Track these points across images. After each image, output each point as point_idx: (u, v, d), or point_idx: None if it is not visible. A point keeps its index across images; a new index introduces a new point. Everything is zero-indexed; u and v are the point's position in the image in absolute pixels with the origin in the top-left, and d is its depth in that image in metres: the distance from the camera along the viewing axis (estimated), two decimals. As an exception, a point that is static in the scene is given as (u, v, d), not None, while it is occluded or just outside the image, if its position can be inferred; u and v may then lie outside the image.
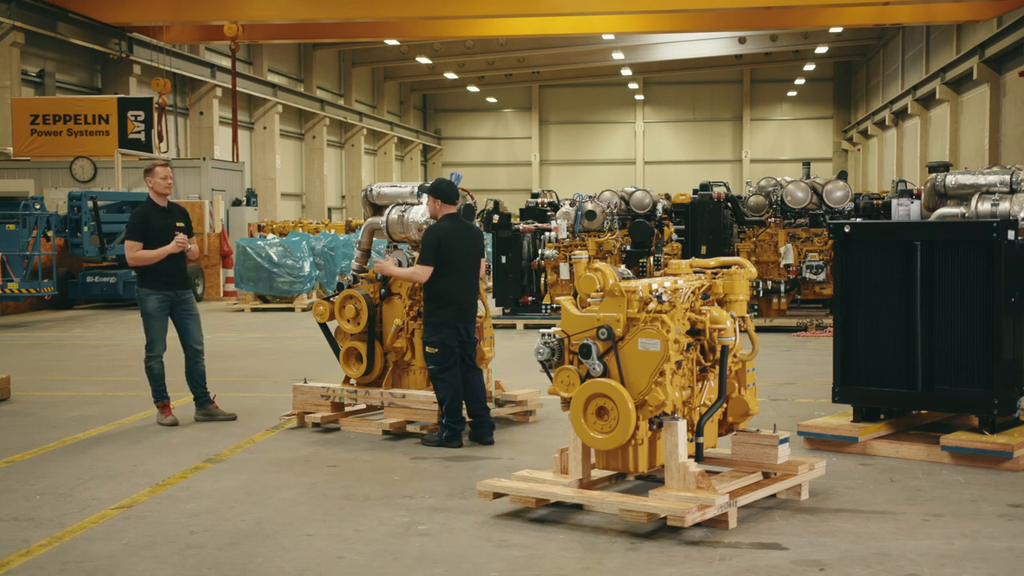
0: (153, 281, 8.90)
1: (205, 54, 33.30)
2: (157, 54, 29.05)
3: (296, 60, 42.56)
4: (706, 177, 19.65)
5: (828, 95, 54.97)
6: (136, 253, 8.82)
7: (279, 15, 29.12)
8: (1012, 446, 7.00)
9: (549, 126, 56.72)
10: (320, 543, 5.72)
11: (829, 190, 16.25)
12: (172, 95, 30.52)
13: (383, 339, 8.85)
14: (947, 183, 8.40)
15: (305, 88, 42.33)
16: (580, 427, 6.08)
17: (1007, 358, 7.30)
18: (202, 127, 32.72)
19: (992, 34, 29.59)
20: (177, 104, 32.12)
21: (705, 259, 6.74)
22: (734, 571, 5.15)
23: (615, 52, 44.54)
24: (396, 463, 7.54)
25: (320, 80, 44.02)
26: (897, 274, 7.62)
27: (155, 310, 8.94)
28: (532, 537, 5.73)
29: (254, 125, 37.33)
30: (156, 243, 8.82)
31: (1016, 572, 5.07)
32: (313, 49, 42.67)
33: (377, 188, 9.27)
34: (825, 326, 14.75)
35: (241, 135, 33.13)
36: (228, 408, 9.34)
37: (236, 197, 27.05)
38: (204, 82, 32.50)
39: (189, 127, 32.98)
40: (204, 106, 32.69)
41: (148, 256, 8.80)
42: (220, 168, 27.52)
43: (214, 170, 26.79)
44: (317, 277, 20.58)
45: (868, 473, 7.02)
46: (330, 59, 45.58)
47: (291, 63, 42.08)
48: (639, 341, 5.95)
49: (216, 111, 32.87)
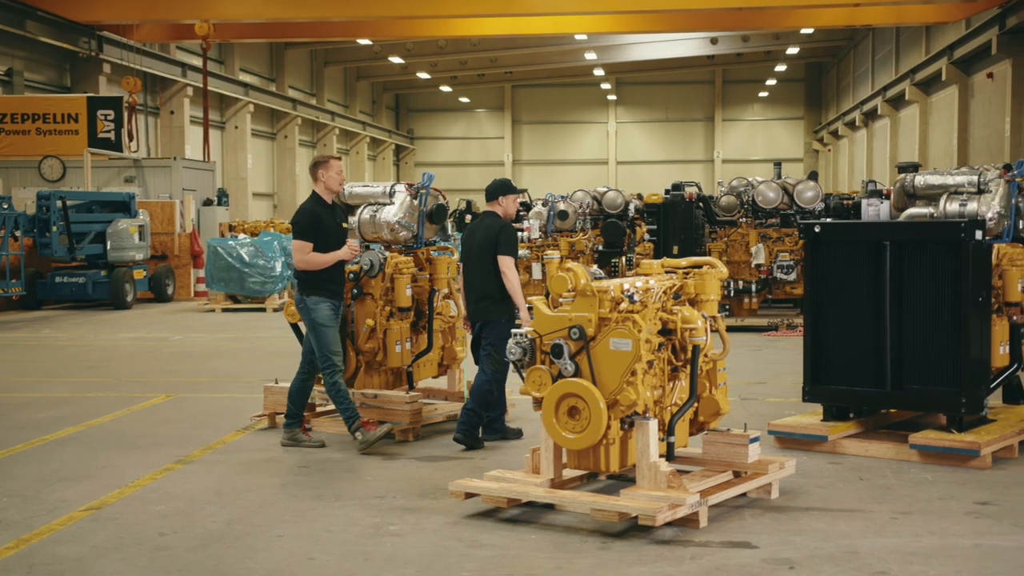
0: (322, 288, 7.91)
1: (176, 53, 33.07)
2: (127, 53, 28.82)
3: (268, 59, 42.36)
4: (678, 177, 19.71)
5: (799, 96, 55.24)
6: (307, 256, 7.83)
7: (250, 14, 28.95)
8: (979, 444, 7.06)
9: (522, 126, 56.71)
10: (290, 544, 5.70)
11: (800, 190, 16.35)
12: (142, 94, 30.29)
13: (355, 339, 8.83)
14: (916, 183, 8.45)
15: (277, 87, 42.13)
16: (552, 427, 6.08)
17: (974, 357, 7.36)
18: (173, 126, 32.49)
19: (960, 36, 29.83)
20: (147, 103, 31.89)
21: (677, 259, 6.76)
22: (704, 570, 5.17)
23: (588, 52, 44.59)
24: (367, 463, 7.52)
25: (292, 79, 43.82)
26: (867, 274, 7.68)
27: (329, 319, 7.93)
28: (504, 537, 5.74)
29: (225, 124, 37.12)
30: (327, 244, 7.89)
31: (983, 569, 5.12)
32: (285, 48, 42.47)
33: (349, 188, 9.24)
34: (796, 325, 14.83)
35: (212, 134, 32.94)
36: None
37: (207, 197, 26.88)
38: (175, 81, 32.28)
39: (160, 126, 32.74)
40: (175, 105, 32.46)
41: (321, 260, 7.86)
42: (191, 168, 27.35)
43: (185, 170, 26.62)
44: (288, 277, 20.47)
45: (837, 472, 7.06)
46: (302, 58, 45.38)
47: (263, 62, 41.88)
48: (611, 341, 5.96)
49: (187, 110, 32.65)
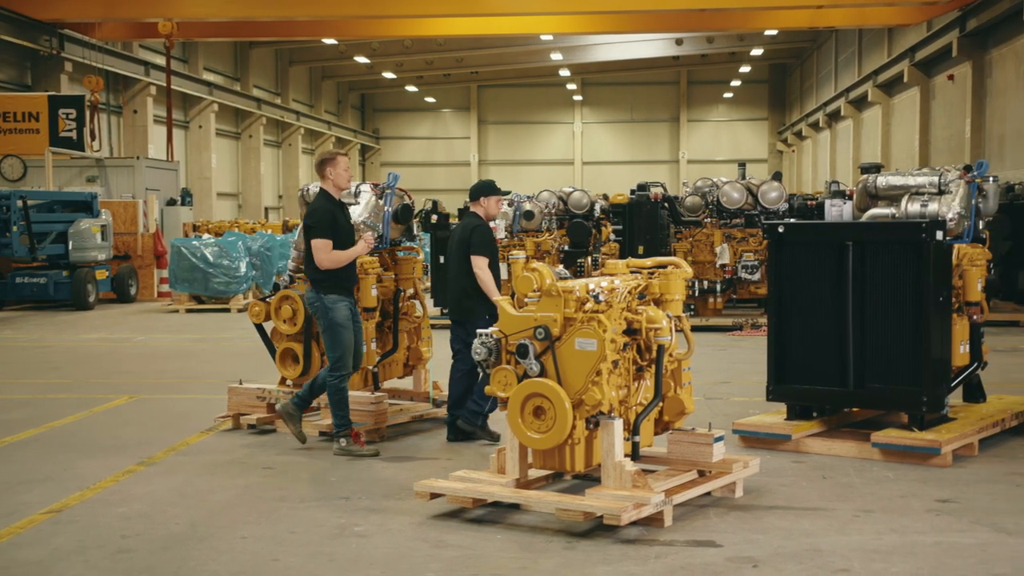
0: (339, 287, 7.76)
1: (139, 52, 32.79)
2: (89, 51, 28.56)
3: (232, 58, 42.11)
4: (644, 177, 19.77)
5: (763, 97, 55.58)
6: (331, 254, 7.66)
7: (214, 13, 28.76)
8: (940, 442, 7.13)
9: (488, 126, 56.71)
10: (255, 545, 5.67)
11: (764, 191, 16.44)
12: (105, 93, 30.01)
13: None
14: (878, 184, 8.52)
15: (241, 87, 41.89)
16: (517, 427, 6.08)
17: (935, 356, 7.44)
18: (136, 126, 32.22)
19: (922, 38, 30.13)
20: (110, 102, 31.61)
21: (642, 259, 6.79)
22: (669, 569, 5.19)
23: (553, 53, 44.64)
24: (332, 464, 7.49)
25: (257, 79, 43.59)
26: (830, 274, 7.74)
27: (346, 319, 7.73)
28: (469, 537, 5.73)
29: (189, 124, 36.88)
30: (340, 241, 7.74)
31: (943, 566, 5.17)
32: (250, 47, 42.24)
33: (314, 188, 9.19)
34: (760, 325, 14.92)
35: (176, 134, 32.71)
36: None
37: (171, 196, 26.70)
38: (138, 80, 32.02)
39: (122, 125, 32.45)
40: (138, 104, 32.20)
41: (343, 257, 7.72)
42: (154, 167, 27.14)
43: (148, 169, 26.41)
44: (253, 277, 20.38)
45: (801, 470, 7.11)
46: (267, 58, 45.15)
47: (227, 61, 41.62)
48: (576, 341, 5.97)
49: (150, 109, 32.39)
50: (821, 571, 5.12)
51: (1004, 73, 25.53)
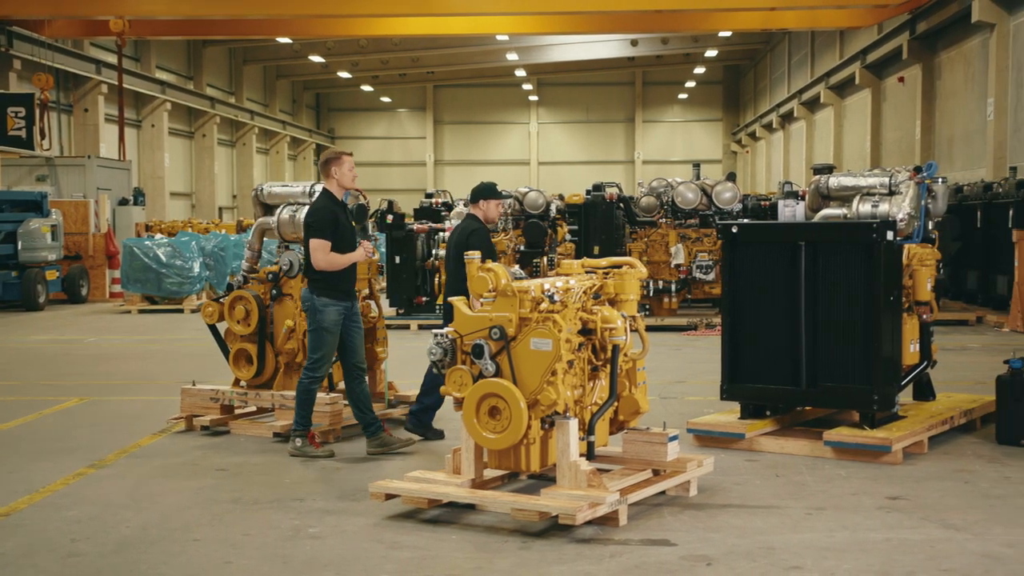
0: (333, 289, 7.65)
1: (90, 49, 32.39)
2: (39, 49, 28.15)
3: (185, 57, 41.72)
4: (599, 178, 19.84)
5: (718, 98, 55.96)
6: (328, 256, 7.56)
7: (166, 11, 28.47)
8: (891, 440, 7.22)
9: (444, 126, 56.64)
10: (207, 548, 5.62)
11: (718, 191, 16.56)
12: (55, 91, 29.62)
13: (274, 340, 8.74)
14: (830, 185, 8.61)
15: (195, 85, 41.53)
16: (472, 427, 6.08)
17: (886, 355, 7.52)
18: (87, 124, 31.82)
19: (873, 41, 30.48)
20: (60, 101, 31.18)
21: (597, 259, 6.81)
22: (624, 568, 5.21)
23: (509, 53, 44.67)
24: (287, 466, 7.45)
25: (210, 77, 43.22)
26: (783, 274, 7.80)
27: (333, 324, 7.66)
28: (424, 538, 5.72)
29: (142, 123, 36.49)
30: (341, 243, 7.65)
31: (893, 562, 5.23)
32: (203, 46, 41.87)
33: (268, 188, 9.16)
34: (714, 325, 15.01)
35: (128, 133, 32.33)
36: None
37: (123, 196, 26.41)
38: (89, 78, 31.62)
39: (73, 124, 32.04)
40: (89, 103, 31.80)
41: (341, 261, 7.62)
42: (106, 167, 26.83)
43: (100, 168, 26.12)
44: (207, 278, 20.22)
45: (754, 469, 7.16)
46: (220, 56, 44.79)
47: (180, 60, 41.24)
48: (531, 341, 5.98)
49: (102, 108, 32.01)
50: (774, 568, 5.16)
51: (953, 76, 25.89)
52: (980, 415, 8.34)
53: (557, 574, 5.16)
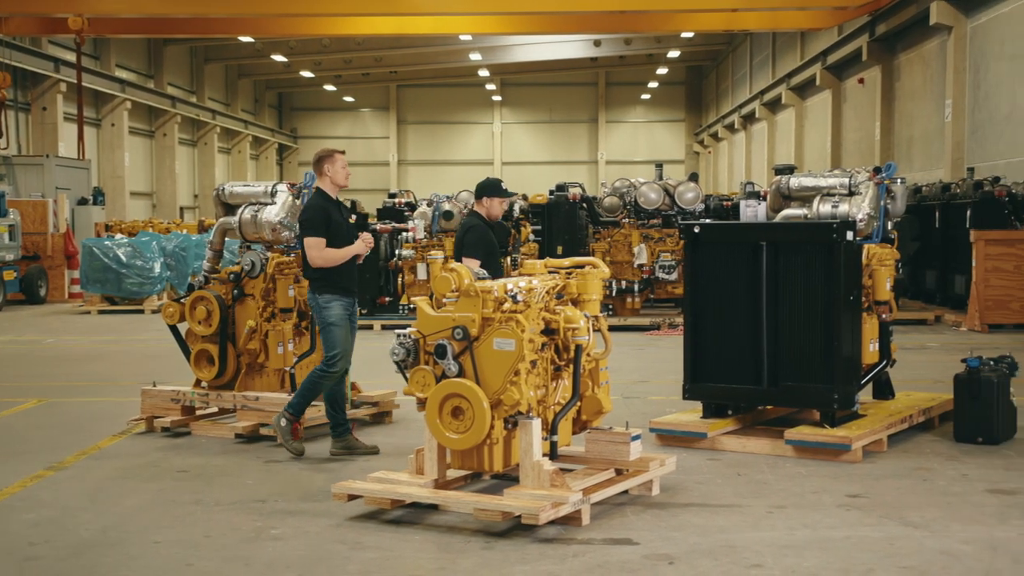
0: (334, 286, 7.66)
1: (48, 47, 32.03)
2: (-4, 46, 27.87)
3: (146, 55, 41.37)
4: (563, 178, 19.87)
5: (680, 98, 56.23)
6: (323, 252, 7.55)
7: (127, 9, 28.20)
8: (851, 439, 7.28)
9: (407, 126, 56.54)
10: (168, 550, 5.57)
11: (681, 191, 16.64)
12: (12, 89, 29.28)
13: (236, 341, 8.69)
14: (791, 185, 8.67)
15: (155, 84, 41.19)
16: (435, 427, 6.07)
17: (846, 354, 7.59)
18: (45, 123, 31.46)
19: (833, 42, 30.74)
20: (18, 99, 30.82)
21: (560, 259, 6.82)
22: (586, 567, 5.22)
23: (473, 53, 44.65)
24: (249, 467, 7.41)
25: (171, 76, 42.89)
26: (744, 274, 7.85)
27: (340, 318, 7.66)
28: (387, 538, 5.71)
29: (101, 122, 36.15)
30: (336, 240, 7.63)
31: (853, 559, 5.28)
32: (164, 44, 41.54)
33: (229, 187, 9.11)
34: (677, 324, 15.08)
35: (88, 132, 32.01)
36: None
37: (82, 196, 26.16)
38: (47, 76, 31.28)
39: (31, 123, 31.67)
40: (47, 101, 31.45)
41: (337, 256, 7.61)
42: (65, 166, 26.56)
43: (58, 168, 25.85)
44: (168, 278, 20.07)
45: (716, 468, 7.20)
46: (182, 55, 44.46)
47: (140, 58, 40.89)
48: (494, 341, 5.98)
49: (60, 107, 31.67)
50: (735, 567, 5.20)
51: (912, 77, 26.16)
52: (938, 413, 8.43)
53: (520, 574, 5.16)
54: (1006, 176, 18.49)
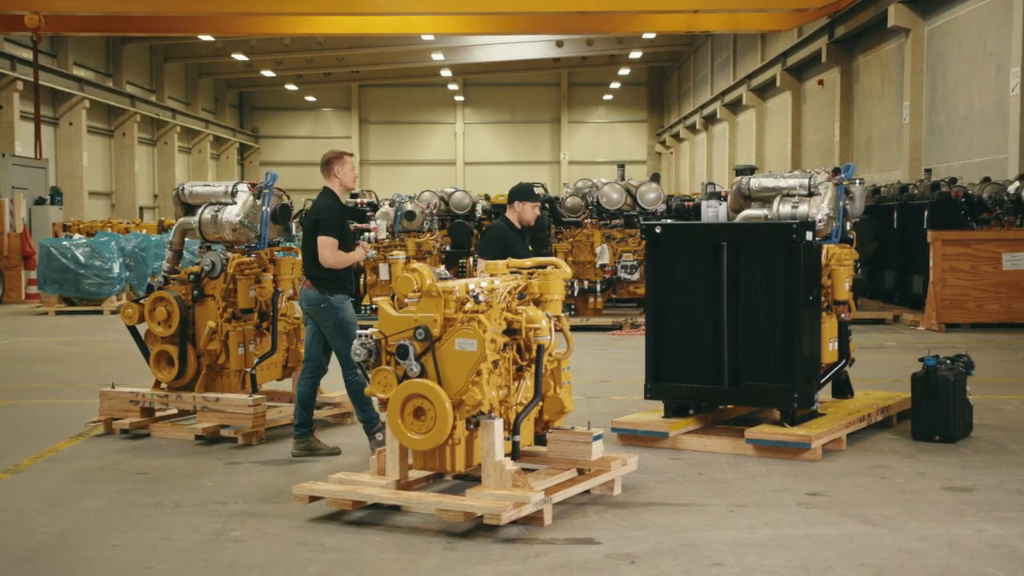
0: (341, 287, 7.68)
1: (4, 45, 31.67)
2: (-50, 44, 27.53)
3: (104, 54, 40.99)
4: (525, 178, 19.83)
5: (642, 99, 56.45)
6: (336, 254, 7.55)
7: (84, 6, 27.95)
8: (810, 437, 7.33)
9: (369, 126, 56.38)
10: (127, 553, 5.52)
11: (643, 192, 16.70)
12: (-32, 87, 28.96)
13: (196, 342, 8.63)
14: (751, 186, 8.71)
15: (114, 83, 40.81)
16: (397, 428, 6.06)
17: (806, 354, 7.65)
18: (1, 122, 31.08)
19: (793, 44, 31.00)
20: (-27, 97, 30.49)
21: (522, 259, 6.82)
22: (549, 567, 5.23)
23: (435, 53, 44.60)
24: (209, 468, 7.36)
25: (130, 75, 42.51)
26: (705, 274, 7.89)
27: (352, 315, 7.68)
28: (349, 540, 5.69)
29: (59, 121, 35.77)
30: (345, 243, 7.66)
31: (813, 557, 5.32)
32: (123, 43, 41.17)
33: (189, 187, 9.04)
34: (639, 324, 15.13)
35: (45, 131, 31.68)
36: None
37: (39, 195, 25.87)
38: (2, 75, 30.90)
39: (-13, 122, 31.33)
40: (3, 100, 31.07)
41: (347, 259, 7.65)
42: (21, 165, 26.25)
43: (15, 167, 25.54)
44: (127, 279, 19.88)
45: (678, 467, 7.23)
46: (141, 53, 44.08)
47: (99, 57, 40.50)
48: (456, 341, 5.97)
49: (17, 105, 31.29)
50: (696, 565, 5.22)
51: (870, 79, 26.41)
52: (896, 412, 8.52)
53: (482, 574, 5.16)
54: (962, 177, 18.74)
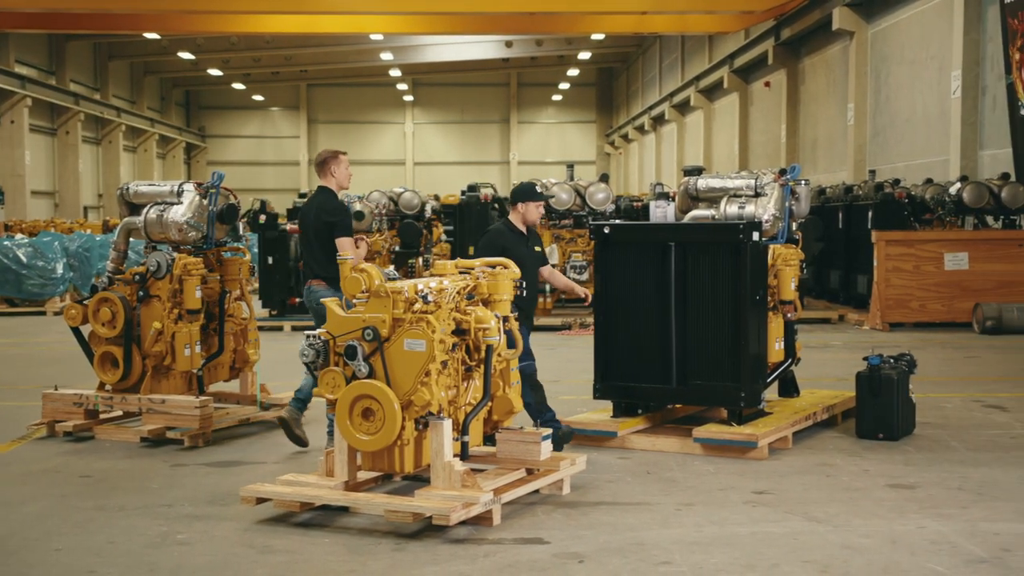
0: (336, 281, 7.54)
1: (-56, 42, 31.16)
2: None
3: (47, 51, 40.38)
4: (475, 178, 19.90)
5: (591, 100, 56.66)
6: (357, 251, 7.78)
7: (25, 3, 27.49)
8: (757, 436, 7.41)
9: (318, 125, 56.05)
10: (69, 558, 5.45)
11: (592, 192, 16.76)
12: (-94, 84, 28.40)
13: (141, 343, 8.52)
14: (699, 187, 8.78)
15: (57, 81, 40.22)
16: (346, 429, 6.03)
17: (752, 353, 7.72)
18: (-61, 120, 30.60)
19: (740, 46, 31.27)
20: (-89, 95, 29.92)
21: (471, 260, 6.82)
22: (497, 567, 5.24)
23: (384, 53, 44.44)
24: (154, 471, 7.28)
25: (74, 73, 41.92)
26: (654, 274, 7.93)
27: None
28: (296, 542, 5.65)
29: (0, 119, 35.19)
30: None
31: (758, 555, 5.37)
32: (66, 40, 40.58)
33: (134, 187, 8.94)
34: (589, 324, 15.18)
35: (-15, 129, 31.16)
36: None
37: (-20, 195, 25.45)
38: (-59, 72, 30.41)
39: (-75, 120, 30.77)
40: (-59, 97, 30.57)
41: (362, 254, 7.87)
42: (-39, 164, 25.79)
43: (-46, 166, 25.08)
44: (71, 279, 19.61)
45: (626, 466, 7.27)
46: (85, 51, 43.47)
47: (42, 54, 39.89)
48: (405, 342, 5.96)
49: (-44, 103, 30.80)
50: (644, 564, 5.25)
51: (816, 81, 26.71)
52: (841, 410, 8.62)
53: (431, 575, 5.15)
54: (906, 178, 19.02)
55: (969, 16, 18.45)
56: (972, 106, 18.55)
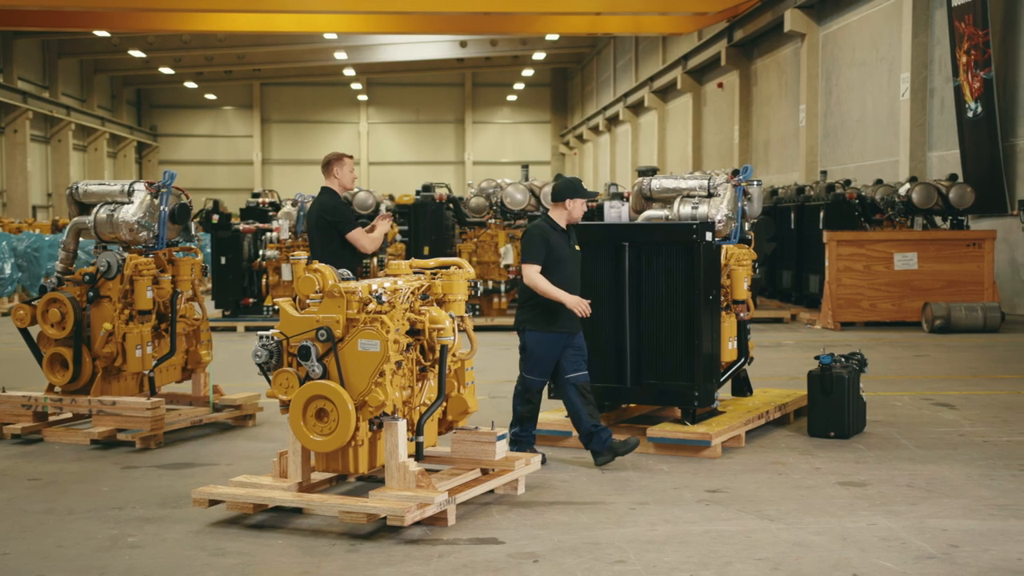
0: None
1: None
2: None
3: (-5, 48, 39.80)
4: (430, 178, 19.87)
5: (546, 100, 56.76)
6: (369, 238, 8.12)
7: (-28, -1, 27.09)
8: (710, 435, 7.46)
9: (271, 125, 55.68)
10: (17, 562, 5.37)
11: (547, 192, 16.76)
12: None
13: (91, 344, 8.42)
14: (652, 187, 8.82)
15: (4, 79, 39.63)
16: (299, 430, 6.00)
17: (706, 353, 7.77)
18: None
19: (693, 47, 31.46)
20: None
21: (426, 259, 6.81)
22: (452, 567, 5.23)
23: (338, 52, 44.23)
24: (105, 473, 7.19)
25: (22, 71, 41.33)
26: (608, 274, 7.96)
27: None
28: (249, 544, 5.61)
29: (-54, 116, 34.66)
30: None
31: (712, 553, 5.41)
32: (13, 37, 40.00)
33: (84, 186, 8.83)
34: (543, 324, 15.17)
35: (-69, 127, 30.65)
36: None
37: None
38: None
39: None
40: None
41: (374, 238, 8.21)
42: (-94, 162, 25.35)
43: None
44: (19, 279, 19.35)
45: (581, 466, 7.28)
46: (33, 48, 42.87)
47: (-11, 51, 39.31)
48: (359, 342, 5.94)
49: (-101, 101, 30.26)
50: (598, 563, 5.27)
51: (768, 82, 26.94)
52: (793, 409, 8.71)
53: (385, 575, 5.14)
54: (856, 179, 19.25)
55: (918, 19, 18.71)
56: (921, 108, 18.81)
